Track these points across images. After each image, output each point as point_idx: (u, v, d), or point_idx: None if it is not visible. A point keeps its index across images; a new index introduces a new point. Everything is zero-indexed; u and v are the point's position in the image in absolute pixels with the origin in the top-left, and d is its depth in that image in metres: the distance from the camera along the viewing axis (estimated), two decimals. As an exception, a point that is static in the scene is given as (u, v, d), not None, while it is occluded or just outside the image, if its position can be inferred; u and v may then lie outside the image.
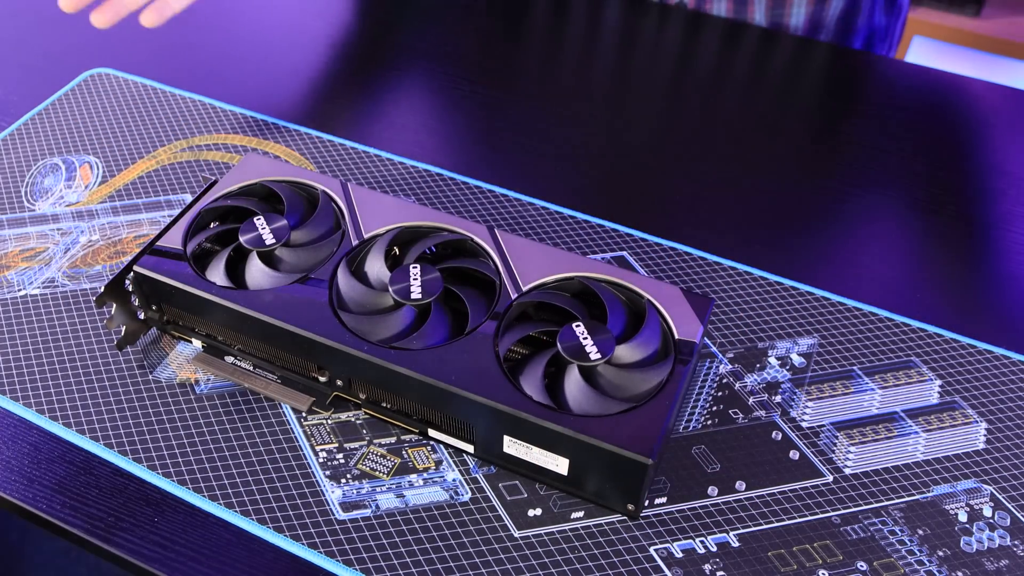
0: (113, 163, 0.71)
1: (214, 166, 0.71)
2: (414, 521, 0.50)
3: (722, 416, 0.55)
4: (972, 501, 0.51)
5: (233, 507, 0.50)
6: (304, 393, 0.55)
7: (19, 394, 0.55)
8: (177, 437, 0.53)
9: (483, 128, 0.77)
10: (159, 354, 0.57)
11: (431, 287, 0.52)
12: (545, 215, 0.68)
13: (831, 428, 0.55)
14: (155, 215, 0.67)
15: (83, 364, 0.56)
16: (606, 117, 0.78)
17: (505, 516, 0.50)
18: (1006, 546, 0.49)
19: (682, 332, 0.51)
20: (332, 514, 0.50)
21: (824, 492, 0.52)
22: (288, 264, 0.55)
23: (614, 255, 0.65)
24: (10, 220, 0.66)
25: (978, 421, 0.55)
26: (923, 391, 0.57)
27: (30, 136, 0.73)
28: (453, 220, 0.57)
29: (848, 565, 0.48)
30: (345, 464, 0.52)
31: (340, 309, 0.52)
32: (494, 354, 0.50)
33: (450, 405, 0.50)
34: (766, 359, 0.58)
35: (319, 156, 0.72)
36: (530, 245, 0.56)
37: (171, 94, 0.77)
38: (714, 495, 0.51)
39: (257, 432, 0.53)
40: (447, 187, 0.70)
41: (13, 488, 0.51)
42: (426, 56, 0.84)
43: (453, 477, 0.52)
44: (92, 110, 0.75)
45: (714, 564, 0.48)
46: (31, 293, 0.61)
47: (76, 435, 0.53)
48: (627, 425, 0.47)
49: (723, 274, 0.64)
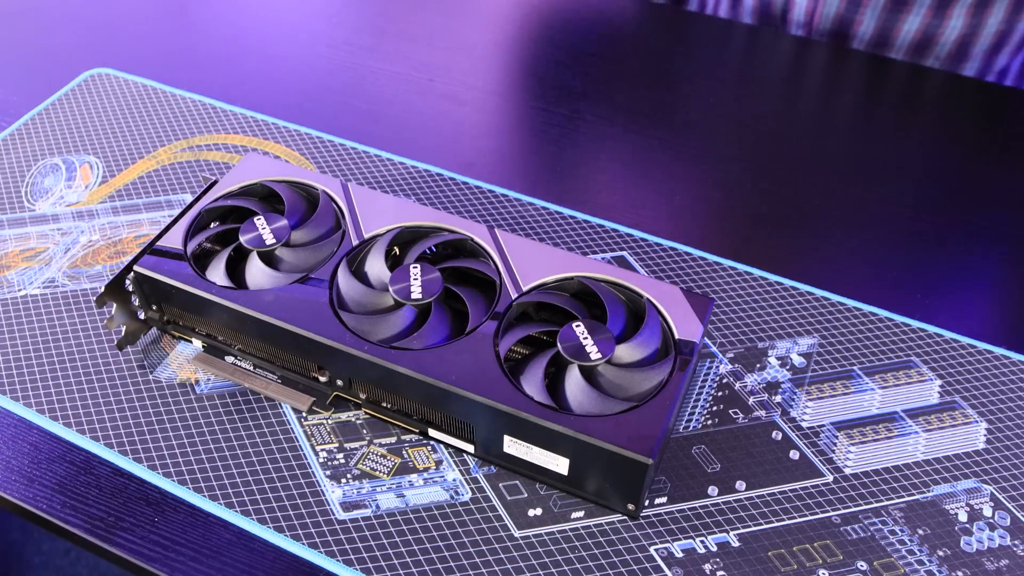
0: (113, 163, 0.71)
1: (214, 166, 0.71)
2: (414, 521, 0.50)
3: (722, 416, 0.55)
4: (972, 501, 0.51)
5: (233, 507, 0.50)
6: (304, 393, 0.55)
7: (19, 394, 0.55)
8: (177, 437, 0.53)
9: (484, 128, 0.77)
10: (159, 354, 0.57)
11: (431, 287, 0.52)
12: (545, 215, 0.68)
13: (831, 428, 0.55)
14: (155, 215, 0.67)
15: (83, 364, 0.56)
16: (606, 116, 0.78)
17: (505, 516, 0.50)
18: (1006, 546, 0.49)
19: (682, 332, 0.51)
20: (332, 514, 0.50)
21: (824, 492, 0.52)
22: (288, 264, 0.55)
23: (614, 255, 0.65)
24: (10, 220, 0.66)
25: (978, 421, 0.55)
26: (923, 391, 0.57)
27: (30, 136, 0.73)
28: (453, 220, 0.57)
29: (848, 565, 0.48)
30: (345, 464, 0.52)
31: (340, 309, 0.52)
32: (494, 354, 0.50)
33: (450, 405, 0.50)
34: (766, 359, 0.58)
35: (319, 156, 0.72)
36: (530, 245, 0.56)
37: (171, 94, 0.77)
38: (714, 495, 0.51)
39: (257, 432, 0.53)
40: (447, 187, 0.70)
41: (13, 488, 0.51)
42: (426, 56, 0.84)
43: (453, 477, 0.52)
44: (92, 110, 0.75)
45: (714, 564, 0.48)
46: (31, 293, 0.61)
47: (76, 435, 0.53)
48: (627, 425, 0.47)
49: (723, 274, 0.64)
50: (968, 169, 0.74)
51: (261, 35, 0.86)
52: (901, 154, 0.75)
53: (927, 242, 0.67)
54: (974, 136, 0.77)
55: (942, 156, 0.75)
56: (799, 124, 0.78)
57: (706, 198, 0.71)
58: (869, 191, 0.71)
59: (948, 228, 0.68)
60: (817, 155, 0.75)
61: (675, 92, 0.82)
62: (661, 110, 0.80)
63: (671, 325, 0.52)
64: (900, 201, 0.71)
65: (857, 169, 0.73)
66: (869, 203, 0.70)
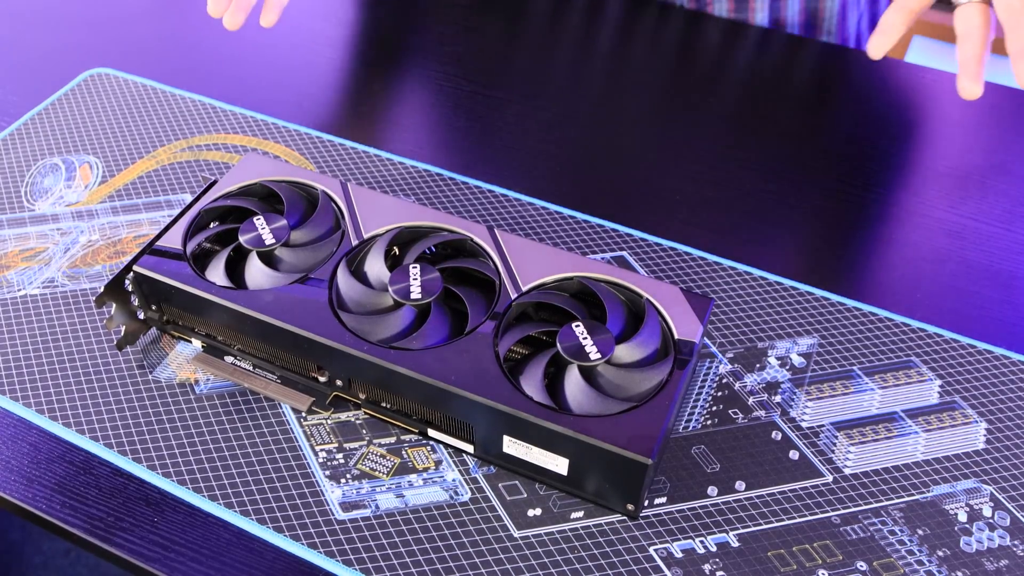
0: (113, 163, 0.71)
1: (214, 166, 0.71)
2: (414, 521, 0.50)
3: (722, 416, 0.55)
4: (972, 501, 0.51)
5: (233, 507, 0.50)
6: (304, 393, 0.55)
7: (19, 394, 0.55)
8: (177, 437, 0.53)
9: (483, 128, 0.77)
10: (159, 354, 0.57)
11: (431, 287, 0.52)
12: (545, 215, 0.68)
13: (831, 428, 0.55)
14: (155, 215, 0.67)
15: (83, 364, 0.56)
16: (606, 116, 0.78)
17: (505, 516, 0.50)
18: (1006, 546, 0.49)
19: (682, 332, 0.51)
20: (332, 514, 0.50)
21: (824, 492, 0.52)
22: (288, 264, 0.55)
23: (614, 255, 0.65)
24: (10, 220, 0.66)
25: (978, 421, 0.55)
26: (923, 391, 0.57)
27: (30, 136, 0.73)
28: (453, 220, 0.57)
29: (848, 565, 0.48)
30: (345, 464, 0.52)
31: (340, 309, 0.52)
32: (494, 354, 0.50)
33: (450, 405, 0.50)
34: (766, 359, 0.58)
35: (319, 156, 0.72)
36: (530, 245, 0.56)
37: (171, 94, 0.77)
38: (714, 495, 0.51)
39: (257, 432, 0.53)
40: (447, 187, 0.70)
41: (13, 488, 0.51)
42: (426, 56, 0.84)
43: (453, 477, 0.52)
44: (92, 110, 0.75)
45: (714, 564, 0.48)
46: (31, 293, 0.61)
47: (76, 435, 0.53)
48: (627, 425, 0.47)
49: (723, 274, 0.64)
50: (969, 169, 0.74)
51: (261, 35, 0.86)
52: (902, 154, 0.75)
53: (927, 242, 0.67)
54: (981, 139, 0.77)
55: (942, 157, 0.75)
56: (799, 124, 0.78)
57: (706, 198, 0.70)
58: (869, 191, 0.71)
59: (948, 228, 0.68)
60: (817, 155, 0.75)
61: (675, 92, 0.82)
62: (661, 110, 0.80)
63: (671, 325, 0.52)
64: (900, 201, 0.71)
65: (857, 169, 0.73)
66: (869, 203, 0.70)
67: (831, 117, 0.79)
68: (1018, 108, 0.80)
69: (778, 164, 0.74)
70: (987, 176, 0.73)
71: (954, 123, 0.79)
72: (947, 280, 0.64)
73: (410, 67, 0.83)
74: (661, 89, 0.82)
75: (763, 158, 0.74)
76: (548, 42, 0.87)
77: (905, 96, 0.82)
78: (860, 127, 0.78)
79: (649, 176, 0.73)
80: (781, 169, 0.73)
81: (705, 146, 0.75)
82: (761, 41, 0.87)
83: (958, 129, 0.78)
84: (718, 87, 0.82)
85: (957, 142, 0.77)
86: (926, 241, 0.67)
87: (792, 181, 0.72)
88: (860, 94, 0.82)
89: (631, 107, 0.79)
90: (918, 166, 0.74)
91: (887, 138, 0.76)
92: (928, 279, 0.64)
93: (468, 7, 0.91)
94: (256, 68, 0.82)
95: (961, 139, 0.77)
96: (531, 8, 0.90)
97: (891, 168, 0.73)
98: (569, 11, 0.90)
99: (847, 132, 0.77)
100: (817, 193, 0.71)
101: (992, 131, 0.78)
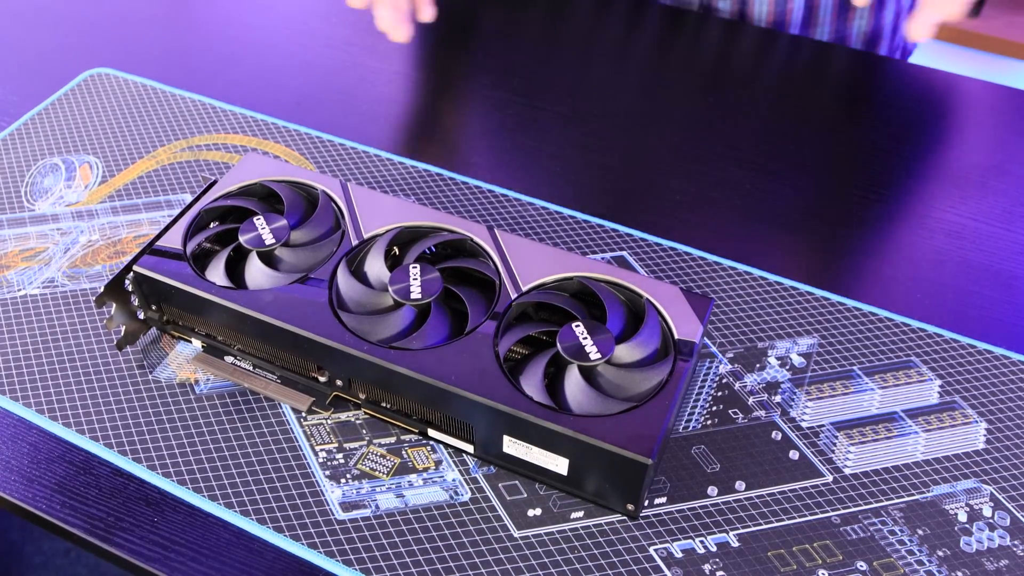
0: (113, 163, 0.71)
1: (214, 166, 0.71)
2: (414, 521, 0.50)
3: (722, 416, 0.55)
4: (972, 501, 0.51)
5: (233, 507, 0.50)
6: (304, 393, 0.55)
7: (19, 394, 0.55)
8: (177, 437, 0.53)
9: (483, 128, 0.77)
10: (159, 354, 0.57)
11: (431, 287, 0.52)
12: (545, 215, 0.68)
13: (831, 428, 0.55)
14: (155, 215, 0.67)
15: (83, 364, 0.56)
16: (607, 116, 0.78)
17: (505, 516, 0.50)
18: (1006, 546, 0.49)
19: (682, 332, 0.51)
20: (332, 514, 0.50)
21: (824, 492, 0.52)
22: (288, 264, 0.55)
23: (614, 255, 0.65)
24: (10, 220, 0.66)
25: (978, 421, 0.55)
26: (923, 391, 0.57)
27: (30, 136, 0.73)
28: (453, 220, 0.57)
29: (848, 565, 0.48)
30: (345, 464, 0.52)
31: (340, 309, 0.52)
32: (494, 354, 0.50)
33: (450, 405, 0.50)
34: (766, 359, 0.58)
35: (319, 156, 0.72)
36: (530, 245, 0.56)
37: (171, 94, 0.77)
38: (714, 495, 0.51)
39: (257, 432, 0.53)
40: (447, 187, 0.70)
41: (13, 488, 0.51)
42: (426, 56, 0.84)
43: (453, 477, 0.52)
44: (92, 110, 0.75)
45: (714, 564, 0.48)
46: (31, 293, 0.61)
47: (76, 435, 0.53)
48: (627, 425, 0.47)
49: (723, 274, 0.64)
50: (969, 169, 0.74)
51: (261, 35, 0.86)
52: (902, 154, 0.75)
53: (927, 242, 0.67)
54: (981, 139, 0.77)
55: (942, 157, 0.75)
56: (799, 124, 0.78)
57: (706, 198, 0.70)
58: (869, 191, 0.71)
59: (948, 228, 0.68)
60: (817, 155, 0.75)
61: (675, 93, 0.82)
62: (661, 110, 0.80)
63: (671, 325, 0.52)
64: (899, 201, 0.71)
65: (857, 169, 0.73)
66: (869, 203, 0.70)
67: (831, 118, 0.79)
68: (1018, 108, 0.80)
69: (778, 164, 0.74)
70: (987, 176, 0.73)
71: (954, 123, 0.79)
72: (947, 280, 0.64)
73: (410, 67, 0.83)
74: (661, 89, 0.82)
75: (763, 158, 0.74)
76: (547, 42, 0.87)
77: (905, 96, 0.82)
78: (860, 128, 0.78)
79: (649, 176, 0.73)
80: (781, 169, 0.73)
81: (705, 146, 0.75)
82: (761, 42, 0.87)
83: (958, 129, 0.79)
84: (718, 87, 0.82)
85: (957, 142, 0.77)
86: (926, 241, 0.67)
87: (792, 181, 0.72)
88: (860, 95, 0.82)
89: (631, 107, 0.79)
90: (918, 166, 0.74)
91: (887, 138, 0.76)
92: (928, 279, 0.64)
93: (468, 6, 0.91)
94: (256, 68, 0.82)
95: (961, 139, 0.77)
96: (532, 7, 0.90)
97: (891, 168, 0.74)
98: (571, 11, 0.90)
99: (847, 132, 0.77)
100: (817, 193, 0.71)
101: (992, 131, 0.78)
